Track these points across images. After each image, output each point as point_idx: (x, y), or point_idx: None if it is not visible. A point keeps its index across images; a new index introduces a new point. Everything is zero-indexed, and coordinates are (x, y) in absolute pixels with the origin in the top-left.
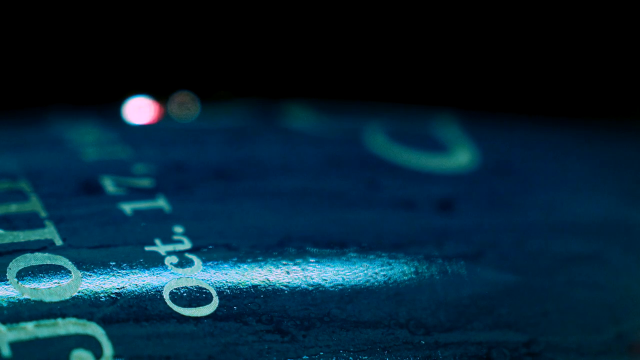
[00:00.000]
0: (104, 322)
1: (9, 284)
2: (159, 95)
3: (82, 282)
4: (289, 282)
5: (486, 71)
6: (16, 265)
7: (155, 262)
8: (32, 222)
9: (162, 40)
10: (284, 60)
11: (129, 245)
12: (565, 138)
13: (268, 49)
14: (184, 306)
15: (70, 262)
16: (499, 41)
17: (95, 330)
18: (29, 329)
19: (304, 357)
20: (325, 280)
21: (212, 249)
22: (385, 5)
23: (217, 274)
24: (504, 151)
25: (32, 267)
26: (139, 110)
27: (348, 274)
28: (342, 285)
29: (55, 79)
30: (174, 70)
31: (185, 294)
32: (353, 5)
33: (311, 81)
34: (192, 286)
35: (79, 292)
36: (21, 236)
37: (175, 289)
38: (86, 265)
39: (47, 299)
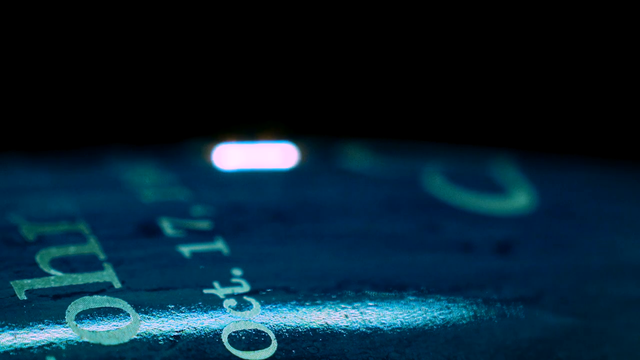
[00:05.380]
0: None
1: (67, 327)
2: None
3: (141, 325)
4: (347, 326)
5: (545, 112)
6: (75, 308)
7: (213, 305)
8: (90, 264)
9: (220, 82)
10: (342, 100)
11: (187, 288)
12: (624, 179)
13: (326, 89)
14: (242, 349)
15: (128, 305)
16: (557, 83)
17: None
18: None
19: None
20: (384, 323)
21: (270, 292)
22: (442, 47)
23: (275, 317)
24: (563, 193)
25: (91, 309)
26: (229, 154)
27: (407, 317)
28: (400, 328)
29: (113, 120)
30: (230, 111)
31: (244, 337)
32: (410, 47)
33: (369, 121)
34: (250, 329)
35: (137, 335)
36: (80, 279)
37: (234, 332)
38: (145, 308)
39: (106, 342)
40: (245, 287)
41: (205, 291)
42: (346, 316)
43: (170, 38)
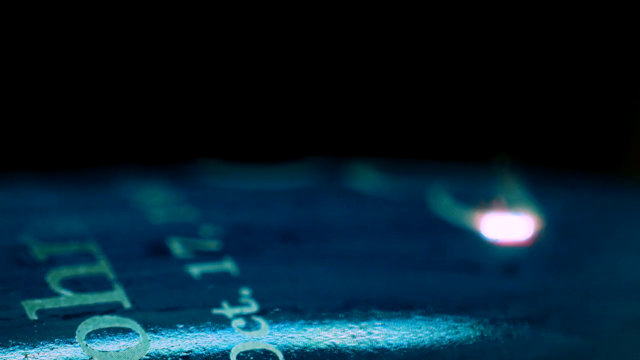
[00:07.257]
0: None
1: (78, 347)
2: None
3: (150, 345)
4: (355, 346)
5: (551, 130)
6: (85, 327)
7: (222, 324)
8: (100, 284)
9: (225, 104)
10: (349, 119)
11: (196, 308)
12: (631, 198)
13: (332, 108)
14: None
15: (138, 325)
16: (564, 100)
17: None
18: None
19: None
20: (391, 343)
21: (278, 311)
22: (448, 64)
23: (283, 336)
24: (569, 212)
25: (101, 329)
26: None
27: (413, 337)
28: (407, 348)
29: (123, 140)
30: (239, 133)
31: (252, 357)
32: (416, 66)
33: (376, 141)
34: (259, 349)
35: (147, 355)
36: (90, 299)
37: (243, 352)
38: (154, 327)
39: None
40: (254, 307)
41: (214, 311)
42: (353, 336)
43: (171, 59)
